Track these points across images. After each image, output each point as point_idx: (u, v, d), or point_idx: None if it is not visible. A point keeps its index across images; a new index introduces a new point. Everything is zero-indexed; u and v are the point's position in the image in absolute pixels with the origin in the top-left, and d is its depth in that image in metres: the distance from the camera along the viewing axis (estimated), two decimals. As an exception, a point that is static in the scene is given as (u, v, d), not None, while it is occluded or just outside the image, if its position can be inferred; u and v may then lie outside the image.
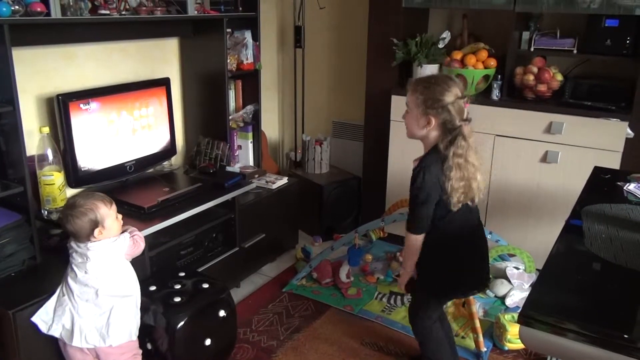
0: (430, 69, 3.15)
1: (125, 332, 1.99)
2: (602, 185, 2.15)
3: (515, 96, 3.02)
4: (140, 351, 2.13)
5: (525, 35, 2.99)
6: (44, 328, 1.95)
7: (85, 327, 1.93)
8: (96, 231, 1.92)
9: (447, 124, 1.84)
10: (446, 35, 3.18)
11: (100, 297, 1.93)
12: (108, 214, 1.95)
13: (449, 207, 1.87)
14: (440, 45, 3.15)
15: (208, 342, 2.23)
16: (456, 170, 1.83)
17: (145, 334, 2.13)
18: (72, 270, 1.95)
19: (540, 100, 2.94)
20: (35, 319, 1.94)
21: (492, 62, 3.04)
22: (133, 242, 2.04)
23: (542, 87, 2.91)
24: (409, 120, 1.94)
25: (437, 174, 1.85)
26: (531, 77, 2.91)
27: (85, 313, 1.94)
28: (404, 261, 2.08)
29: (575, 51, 2.85)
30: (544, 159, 2.87)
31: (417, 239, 1.95)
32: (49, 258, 2.20)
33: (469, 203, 1.92)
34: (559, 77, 2.92)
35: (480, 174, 1.90)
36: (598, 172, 2.28)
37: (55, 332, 1.95)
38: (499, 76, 3.00)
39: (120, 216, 2.03)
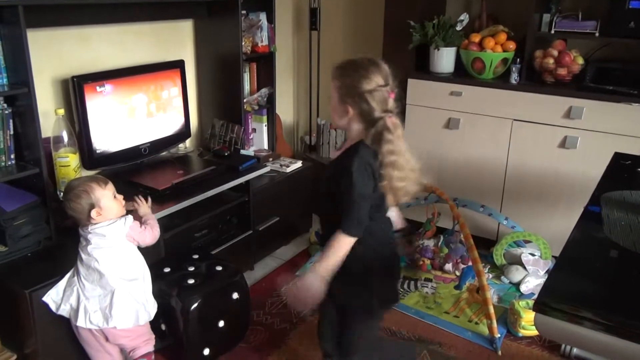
0: (447, 52, 3.10)
1: (131, 315, 1.99)
2: (622, 171, 2.10)
3: (534, 80, 2.96)
4: (153, 336, 2.14)
5: (546, 17, 2.92)
6: (53, 307, 1.98)
7: (89, 307, 1.96)
8: (93, 212, 1.92)
9: (366, 115, 1.61)
10: (464, 17, 3.12)
11: (104, 279, 1.95)
12: (103, 194, 1.95)
13: (380, 209, 1.67)
14: (458, 28, 3.10)
15: (221, 323, 2.24)
16: (394, 169, 1.59)
17: (160, 315, 2.14)
18: (79, 253, 1.98)
19: (560, 84, 2.88)
20: (46, 298, 1.97)
21: (511, 45, 2.99)
22: (144, 228, 2.04)
23: (562, 71, 2.84)
24: (331, 108, 1.70)
25: (374, 169, 1.60)
26: (551, 61, 2.85)
27: (90, 294, 1.96)
28: (322, 264, 1.63)
29: (597, 34, 2.78)
30: (563, 144, 2.82)
31: (349, 243, 1.62)
32: (65, 239, 2.21)
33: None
34: (580, 61, 2.86)
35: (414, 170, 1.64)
36: (618, 158, 2.23)
37: (64, 312, 1.98)
38: (518, 59, 2.94)
39: (120, 196, 2.03)
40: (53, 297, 1.98)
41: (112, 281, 1.95)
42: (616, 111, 2.66)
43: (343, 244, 1.62)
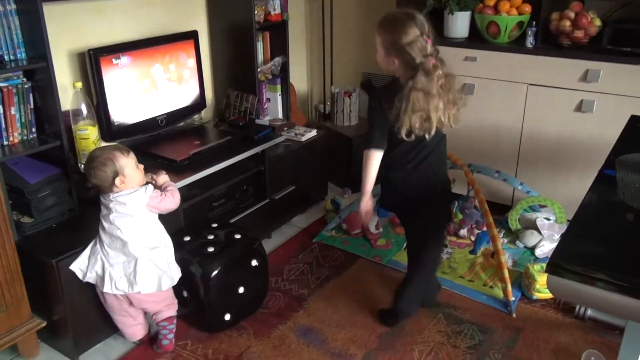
0: (462, 17, 3.06)
1: (154, 281, 2.07)
2: (638, 134, 2.09)
3: (550, 43, 2.92)
4: (176, 301, 2.22)
5: (563, -22, 2.87)
6: (80, 275, 2.05)
7: (114, 274, 2.03)
8: (117, 180, 1.98)
9: (409, 64, 1.92)
10: (479, -20, 3.07)
11: (127, 247, 2.02)
12: (127, 162, 2.00)
13: (399, 137, 1.96)
14: (473, -9, 3.05)
15: (241, 290, 2.30)
16: (411, 102, 1.90)
17: (182, 282, 2.21)
18: (101, 222, 2.04)
19: (576, 47, 2.84)
20: (73, 267, 2.04)
21: (527, 8, 2.94)
22: (164, 195, 2.08)
23: (579, 33, 2.80)
24: (379, 59, 2.03)
25: (382, 104, 1.98)
26: (567, 23, 2.81)
27: (115, 261, 2.03)
28: (363, 186, 2.09)
29: (615, -6, 2.73)
30: (579, 108, 2.80)
31: (372, 156, 2.04)
32: (87, 210, 2.28)
33: (427, 136, 1.98)
34: (597, 22, 2.81)
35: (447, 107, 1.97)
36: (635, 121, 2.21)
37: (90, 279, 2.06)
38: (534, 22, 2.90)
39: (141, 166, 2.08)
40: (79, 266, 2.05)
41: (134, 249, 2.02)
42: (634, 73, 2.62)
43: (368, 159, 2.04)
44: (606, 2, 2.88)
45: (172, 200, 2.11)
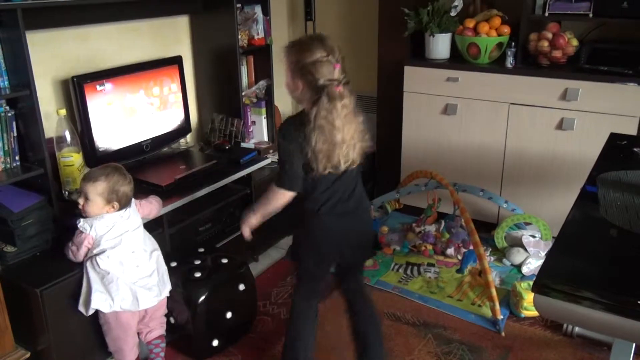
0: (442, 39, 3.12)
1: (169, 279, 2.19)
2: (618, 151, 2.13)
3: (530, 63, 2.98)
4: (165, 319, 2.25)
5: (540, 0, 2.93)
6: (106, 308, 2.02)
7: (146, 286, 2.07)
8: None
9: (312, 86, 1.73)
10: (458, 3, 3.13)
11: (150, 258, 2.10)
12: None
13: (316, 174, 1.77)
14: (453, 14, 3.11)
15: (229, 315, 2.28)
16: (319, 133, 1.70)
17: (168, 308, 2.19)
18: (114, 248, 2.02)
19: (555, 66, 2.90)
20: (96, 305, 2.01)
21: (506, 29, 3.00)
22: (147, 201, 2.25)
23: (557, 53, 2.86)
24: (286, 85, 1.86)
25: (295, 137, 1.74)
26: (546, 44, 2.87)
27: (138, 277, 2.06)
28: (257, 206, 1.95)
29: (591, 15, 2.79)
30: (560, 126, 2.85)
31: (280, 194, 1.85)
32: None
33: (332, 170, 1.77)
34: (574, 43, 2.88)
35: (348, 143, 1.75)
36: (614, 138, 2.26)
37: (117, 306, 2.04)
38: (513, 43, 2.96)
39: None
40: (101, 300, 2.02)
41: (153, 255, 2.12)
42: (611, 91, 2.68)
43: (274, 195, 1.87)
44: (582, 22, 2.95)
45: (155, 207, 2.29)
